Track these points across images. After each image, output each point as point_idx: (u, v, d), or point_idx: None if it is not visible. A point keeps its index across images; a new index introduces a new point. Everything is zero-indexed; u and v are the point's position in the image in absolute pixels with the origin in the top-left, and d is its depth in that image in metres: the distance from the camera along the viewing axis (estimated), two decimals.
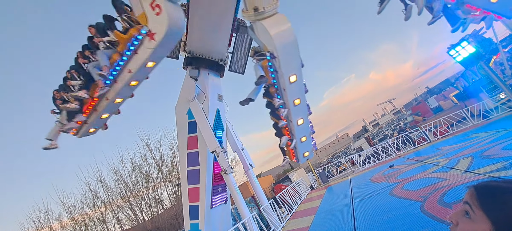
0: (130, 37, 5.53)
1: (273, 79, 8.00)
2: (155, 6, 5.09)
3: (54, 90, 7.43)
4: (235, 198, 9.46)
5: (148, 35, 5.34)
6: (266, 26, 6.69)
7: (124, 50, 5.73)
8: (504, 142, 8.52)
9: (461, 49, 14.43)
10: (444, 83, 47.61)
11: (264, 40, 7.17)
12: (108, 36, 5.98)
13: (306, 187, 18.26)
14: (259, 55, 8.47)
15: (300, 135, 9.27)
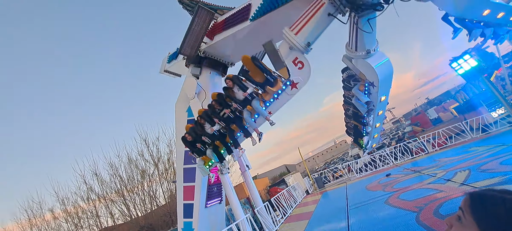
0: (278, 89, 7.08)
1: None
2: (297, 62, 6.63)
3: (186, 134, 8.61)
4: (230, 199, 9.41)
5: (291, 85, 6.86)
6: (371, 63, 7.67)
7: (270, 99, 7.27)
8: (503, 156, 8.50)
9: (463, 62, 14.41)
10: (445, 95, 47.69)
11: (365, 72, 8.24)
12: (249, 88, 7.36)
13: (301, 191, 18.22)
14: (354, 79, 9.56)
15: (374, 133, 11.65)
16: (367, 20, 6.35)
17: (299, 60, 6.59)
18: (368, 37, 6.92)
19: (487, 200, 0.91)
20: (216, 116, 7.89)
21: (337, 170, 21.51)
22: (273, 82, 7.15)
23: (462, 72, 14.75)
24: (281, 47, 6.81)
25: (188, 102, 11.25)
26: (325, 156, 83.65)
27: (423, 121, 29.36)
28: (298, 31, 6.44)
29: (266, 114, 7.30)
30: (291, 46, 6.62)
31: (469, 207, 0.92)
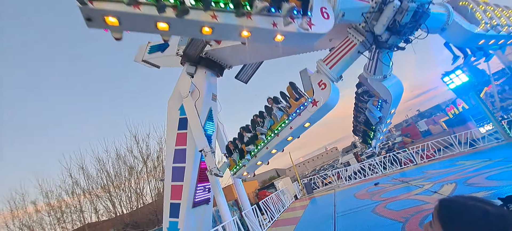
0: (300, 104, 7.72)
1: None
2: (322, 83, 7.31)
3: (229, 142, 9.41)
4: (218, 200, 9.30)
5: (312, 103, 7.37)
6: (385, 85, 8.75)
7: (292, 113, 7.80)
8: (489, 171, 8.63)
9: (455, 77, 14.70)
10: (435, 108, 48.57)
11: (379, 91, 9.30)
12: (281, 103, 8.24)
13: (290, 196, 18.19)
14: (369, 95, 10.47)
15: (380, 136, 12.12)
16: (386, 53, 7.44)
17: (323, 82, 7.36)
18: (386, 66, 8.08)
19: (454, 206, 0.97)
20: (254, 128, 8.70)
21: (326, 177, 21.58)
22: (298, 99, 7.96)
23: (453, 86, 15.04)
24: (313, 77, 7.66)
25: (181, 101, 11.12)
26: (315, 162, 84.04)
27: (413, 132, 29.80)
28: (332, 66, 7.46)
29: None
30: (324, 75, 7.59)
31: (437, 213, 0.99)
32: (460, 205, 0.95)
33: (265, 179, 37.29)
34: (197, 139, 10.07)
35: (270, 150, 8.77)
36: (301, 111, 7.67)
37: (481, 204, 0.92)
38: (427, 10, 6.18)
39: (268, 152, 8.92)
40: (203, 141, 10.09)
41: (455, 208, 0.95)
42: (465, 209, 0.93)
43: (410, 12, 6.06)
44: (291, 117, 7.84)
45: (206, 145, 10.07)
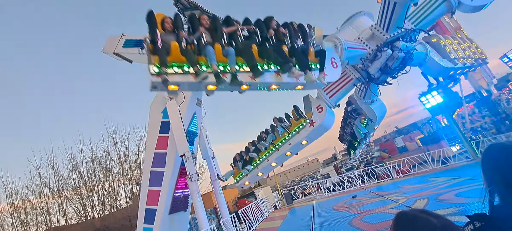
0: (299, 123, 8.72)
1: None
2: (319, 107, 8.26)
3: (237, 153, 10.81)
4: (196, 207, 9.11)
5: (310, 123, 8.38)
6: (372, 107, 10.38)
7: (292, 131, 8.87)
8: (458, 189, 9.07)
9: (431, 97, 15.41)
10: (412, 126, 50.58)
11: (367, 111, 10.77)
12: (284, 123, 9.27)
13: (269, 206, 18.15)
14: (357, 113, 11.64)
15: (363, 146, 13.83)
16: (376, 85, 8.99)
17: (321, 106, 8.42)
18: (374, 94, 9.80)
19: (407, 218, 1.07)
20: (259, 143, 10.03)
21: (306, 187, 21.77)
22: (298, 119, 9.07)
23: (429, 106, 15.77)
24: (313, 102, 8.83)
25: (164, 104, 10.91)
26: (296, 172, 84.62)
27: (391, 148, 30.77)
28: (332, 96, 8.79)
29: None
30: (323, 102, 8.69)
31: (394, 224, 1.09)
32: (412, 217, 1.05)
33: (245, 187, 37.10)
34: (179, 144, 9.89)
35: (270, 163, 9.78)
36: (300, 130, 8.73)
37: (430, 218, 1.01)
38: (412, 55, 7.53)
39: (269, 165, 9.93)
40: (184, 146, 9.92)
41: (409, 219, 1.06)
42: (413, 219, 1.04)
43: (399, 59, 7.35)
44: (291, 135, 8.91)
45: (188, 150, 9.92)
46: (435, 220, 0.99)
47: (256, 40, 5.60)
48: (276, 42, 5.70)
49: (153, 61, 4.47)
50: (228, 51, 5.03)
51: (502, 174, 1.05)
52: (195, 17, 5.40)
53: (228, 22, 5.65)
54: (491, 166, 1.10)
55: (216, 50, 4.88)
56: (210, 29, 5.30)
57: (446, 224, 1.00)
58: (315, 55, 5.95)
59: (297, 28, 6.16)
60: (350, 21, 8.09)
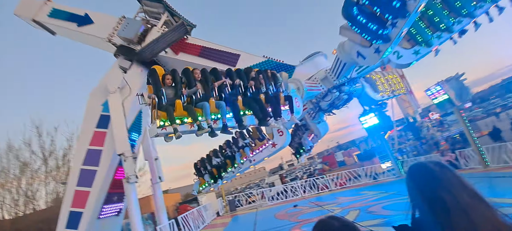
0: (263, 144, 9.84)
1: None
2: (280, 131, 9.05)
3: (198, 161, 11.16)
4: (131, 212, 8.38)
5: (272, 144, 9.46)
6: (318, 126, 12.30)
7: (256, 150, 10.04)
8: (385, 202, 10.09)
9: (369, 118, 17.02)
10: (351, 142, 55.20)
11: (313, 128, 12.11)
12: (246, 139, 10.24)
13: (212, 212, 17.72)
14: (306, 128, 12.99)
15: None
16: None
17: (281, 130, 9.21)
18: (321, 117, 11.75)
19: (317, 224, 1.22)
20: (221, 153, 10.82)
21: (251, 195, 21.90)
22: (262, 140, 10.12)
23: (367, 126, 17.41)
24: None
25: (106, 96, 9.90)
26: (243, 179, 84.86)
27: (332, 161, 33.04)
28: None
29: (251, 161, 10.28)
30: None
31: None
32: (327, 226, 1.19)
33: (189, 192, 35.59)
34: (118, 141, 9.06)
35: (235, 174, 10.99)
36: (263, 150, 9.95)
37: (334, 221, 1.18)
38: (353, 95, 9.83)
39: (233, 175, 11.13)
40: (125, 144, 9.12)
41: (323, 227, 1.20)
42: (323, 225, 1.21)
43: (344, 99, 9.67)
44: (255, 153, 10.13)
45: (128, 149, 9.13)
46: (337, 222, 1.17)
47: (239, 91, 6.65)
48: (255, 91, 6.75)
49: (160, 116, 5.39)
50: (220, 104, 6.04)
51: (420, 190, 1.15)
52: (189, 71, 6.28)
53: (215, 75, 6.63)
54: (411, 183, 1.20)
55: (210, 104, 5.86)
56: (202, 81, 6.30)
57: (345, 224, 1.16)
58: (284, 99, 7.25)
59: (270, 76, 7.35)
60: (310, 59, 9.60)
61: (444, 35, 7.09)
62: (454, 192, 1.05)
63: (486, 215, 1.00)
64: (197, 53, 10.46)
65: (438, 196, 1.07)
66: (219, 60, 10.33)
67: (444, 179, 1.10)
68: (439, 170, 1.14)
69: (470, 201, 1.02)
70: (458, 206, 1.02)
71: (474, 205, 1.02)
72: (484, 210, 1.01)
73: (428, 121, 32.83)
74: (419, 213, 1.18)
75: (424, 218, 1.14)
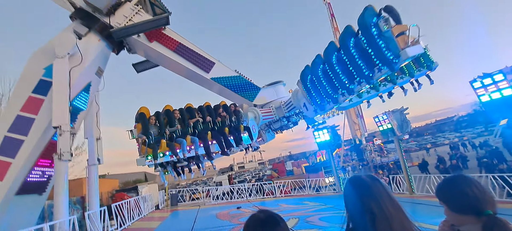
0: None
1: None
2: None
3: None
4: (57, 192, 7.52)
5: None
6: (266, 135, 12.42)
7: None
8: (323, 214, 10.69)
9: (322, 133, 17.98)
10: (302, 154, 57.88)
11: (262, 135, 12.35)
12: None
13: (152, 205, 16.87)
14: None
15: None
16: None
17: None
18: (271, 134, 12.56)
19: (249, 218, 1.35)
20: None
21: (196, 192, 21.43)
22: None
23: (318, 141, 18.37)
24: None
25: (51, 60, 8.81)
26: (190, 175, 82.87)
27: (281, 169, 34.10)
28: None
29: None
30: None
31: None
32: (252, 216, 1.35)
33: (129, 180, 33.39)
34: (57, 113, 8.14)
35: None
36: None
37: (260, 214, 1.35)
38: (298, 122, 11.61)
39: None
40: (63, 117, 8.21)
41: (250, 219, 1.34)
42: (251, 218, 1.35)
43: (293, 122, 11.30)
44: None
45: (67, 123, 8.22)
46: (263, 215, 1.33)
47: (209, 126, 8.53)
48: (221, 125, 8.70)
49: (147, 153, 7.25)
50: (194, 140, 7.78)
51: (354, 199, 1.26)
52: (170, 112, 8.18)
53: (191, 112, 8.62)
54: (348, 192, 1.32)
55: (186, 140, 7.63)
56: (180, 120, 8.20)
57: (269, 215, 1.32)
58: (244, 129, 9.07)
59: (233, 111, 9.28)
60: (273, 86, 11.36)
61: (373, 92, 8.93)
62: (381, 202, 1.18)
63: (404, 226, 1.15)
64: (173, 48, 10.45)
65: (368, 205, 1.19)
66: (193, 62, 10.55)
67: (374, 190, 1.23)
68: (370, 181, 1.27)
69: (394, 212, 1.16)
70: (383, 215, 1.15)
71: (397, 216, 1.15)
72: (404, 220, 1.16)
73: (372, 145, 35.89)
74: (352, 223, 1.27)
75: (355, 228, 1.25)
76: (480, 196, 1.31)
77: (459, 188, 1.36)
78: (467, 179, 1.39)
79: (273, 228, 1.26)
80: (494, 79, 8.95)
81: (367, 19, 5.92)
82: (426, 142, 56.87)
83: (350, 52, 6.59)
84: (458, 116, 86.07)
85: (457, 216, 1.38)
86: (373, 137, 38.61)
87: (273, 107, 10.74)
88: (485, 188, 1.36)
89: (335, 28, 35.90)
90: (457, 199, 1.37)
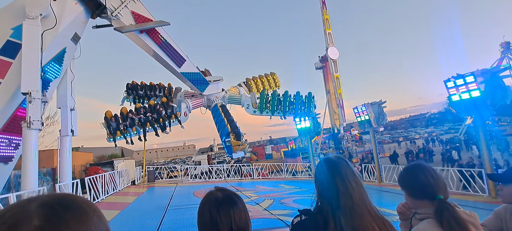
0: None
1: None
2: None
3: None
4: (26, 162, 7.20)
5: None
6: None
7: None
8: (297, 197, 11.07)
9: (303, 120, 18.31)
10: (282, 139, 58.84)
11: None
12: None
13: (128, 180, 16.63)
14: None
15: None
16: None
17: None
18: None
19: (205, 196, 1.34)
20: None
21: (174, 170, 21.33)
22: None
23: (299, 127, 18.71)
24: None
25: (21, 20, 8.14)
26: (169, 153, 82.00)
27: (260, 152, 34.58)
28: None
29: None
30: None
31: None
32: (209, 194, 1.31)
33: (105, 154, 32.50)
34: (26, 78, 7.69)
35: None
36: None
37: (218, 193, 1.30)
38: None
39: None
40: (34, 83, 7.76)
41: (206, 196, 1.32)
42: (208, 196, 1.31)
43: None
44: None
45: (38, 90, 7.77)
46: (220, 193, 1.29)
47: (149, 118, 13.26)
48: (157, 115, 13.40)
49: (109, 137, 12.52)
50: (137, 128, 13.09)
51: (321, 178, 1.37)
52: (123, 113, 13.08)
53: (137, 110, 13.18)
54: (318, 170, 1.42)
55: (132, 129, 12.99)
56: (131, 116, 12.94)
57: (228, 195, 1.29)
58: (175, 117, 14.11)
59: (166, 104, 13.96)
60: (216, 82, 15.99)
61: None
62: (345, 177, 1.29)
63: (363, 199, 1.27)
64: (158, 42, 12.28)
65: (334, 179, 1.29)
66: (170, 56, 12.80)
67: (340, 168, 1.33)
68: (337, 161, 1.37)
69: (355, 186, 1.27)
70: (346, 188, 1.26)
71: (357, 190, 1.27)
72: (363, 194, 1.28)
73: (349, 135, 37.13)
74: (321, 200, 1.36)
75: (323, 202, 1.33)
76: (433, 182, 1.45)
77: (415, 175, 1.51)
78: (423, 167, 1.53)
79: (230, 208, 1.22)
80: (466, 81, 9.44)
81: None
82: (398, 135, 59.65)
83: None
84: (430, 113, 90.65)
85: (414, 201, 1.54)
86: (350, 127, 39.90)
87: (205, 98, 16.12)
88: (438, 175, 1.50)
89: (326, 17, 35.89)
90: (414, 185, 1.52)
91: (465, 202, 8.40)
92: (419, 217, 1.48)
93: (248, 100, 16.26)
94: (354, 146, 34.31)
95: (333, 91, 36.21)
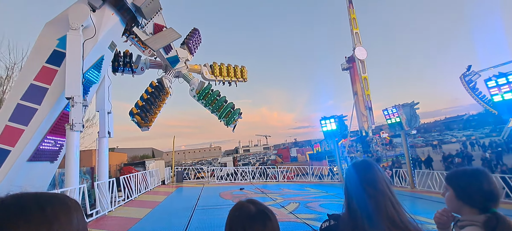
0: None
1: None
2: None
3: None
4: (69, 161, 7.83)
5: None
6: None
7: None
8: (323, 201, 10.84)
9: (328, 123, 17.93)
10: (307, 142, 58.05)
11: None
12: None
13: (158, 179, 17.38)
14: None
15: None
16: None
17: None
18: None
19: (235, 206, 1.27)
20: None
21: (201, 171, 21.89)
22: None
23: (325, 130, 18.35)
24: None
25: (65, 31, 8.90)
26: (196, 155, 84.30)
27: (285, 155, 34.38)
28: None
29: None
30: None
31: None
32: (239, 205, 1.25)
33: (137, 155, 34.24)
34: (70, 84, 8.33)
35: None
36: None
37: (250, 205, 1.23)
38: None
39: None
40: (76, 88, 8.41)
41: (236, 208, 1.25)
42: (239, 208, 1.24)
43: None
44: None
45: (79, 94, 8.42)
46: (253, 207, 1.21)
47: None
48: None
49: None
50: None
51: (351, 183, 1.34)
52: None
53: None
54: (347, 177, 1.39)
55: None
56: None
57: (261, 210, 1.21)
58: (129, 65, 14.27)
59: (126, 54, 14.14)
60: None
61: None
62: (375, 183, 1.27)
63: (393, 205, 1.24)
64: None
65: (362, 186, 1.28)
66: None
67: (369, 172, 1.31)
68: (366, 165, 1.36)
69: (385, 192, 1.25)
70: (375, 196, 1.24)
71: (387, 196, 1.25)
72: (393, 201, 1.25)
73: (378, 138, 35.67)
74: (349, 205, 1.33)
75: (355, 206, 1.29)
76: (496, 193, 1.36)
77: (478, 181, 1.39)
78: (488, 175, 1.41)
79: (264, 224, 1.16)
80: (508, 79, 8.70)
81: None
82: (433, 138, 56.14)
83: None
84: (469, 114, 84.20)
85: (461, 204, 1.42)
86: (380, 129, 38.32)
87: (164, 65, 15.16)
88: (498, 187, 1.39)
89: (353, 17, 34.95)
90: (470, 189, 1.39)
91: (508, 211, 7.70)
92: (461, 224, 1.39)
93: (195, 84, 14.96)
94: (384, 150, 32.87)
95: (361, 93, 35.04)
